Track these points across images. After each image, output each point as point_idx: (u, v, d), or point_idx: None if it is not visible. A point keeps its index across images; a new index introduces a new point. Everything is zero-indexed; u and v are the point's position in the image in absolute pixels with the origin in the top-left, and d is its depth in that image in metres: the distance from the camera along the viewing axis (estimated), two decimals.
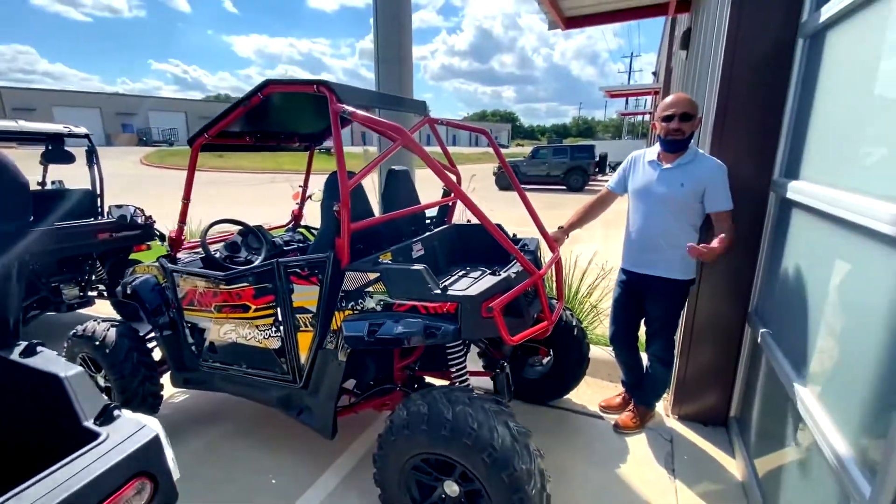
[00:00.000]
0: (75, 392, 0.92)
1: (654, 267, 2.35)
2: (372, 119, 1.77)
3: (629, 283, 2.51)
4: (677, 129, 2.16)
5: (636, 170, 2.42)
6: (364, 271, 1.85)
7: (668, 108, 2.19)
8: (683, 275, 2.32)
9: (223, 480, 2.31)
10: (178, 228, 2.49)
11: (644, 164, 2.38)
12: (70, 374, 0.95)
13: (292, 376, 2.15)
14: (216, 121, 2.17)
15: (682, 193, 2.20)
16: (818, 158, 1.83)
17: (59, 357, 1.04)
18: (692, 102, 2.19)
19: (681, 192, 2.20)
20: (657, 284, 2.35)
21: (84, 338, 2.52)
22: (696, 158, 2.21)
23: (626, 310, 2.59)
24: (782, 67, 2.13)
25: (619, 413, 2.76)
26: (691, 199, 2.20)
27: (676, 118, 2.16)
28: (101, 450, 0.81)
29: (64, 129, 4.44)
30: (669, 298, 2.36)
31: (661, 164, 2.28)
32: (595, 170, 16.82)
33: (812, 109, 1.91)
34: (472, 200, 1.89)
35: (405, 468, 1.75)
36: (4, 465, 0.89)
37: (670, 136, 2.19)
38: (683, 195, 2.20)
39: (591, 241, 8.26)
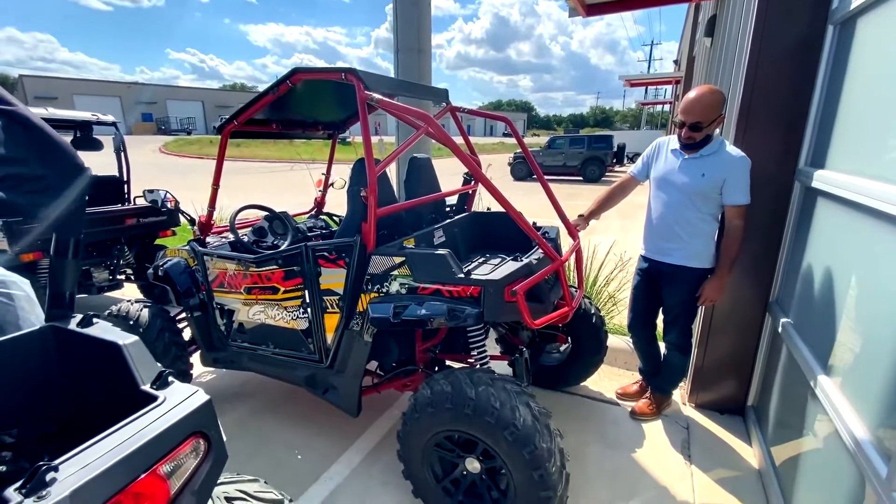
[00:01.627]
0: (133, 358, 0.99)
1: (673, 255, 2.35)
2: (399, 106, 1.81)
3: (648, 270, 2.51)
4: (688, 137, 2.16)
5: (659, 157, 2.39)
6: (389, 255, 1.91)
7: (682, 111, 2.16)
8: (701, 263, 2.31)
9: (252, 455, 2.41)
10: (208, 213, 2.58)
11: (667, 152, 2.35)
12: (128, 342, 1.02)
13: (319, 356, 2.23)
14: (245, 108, 2.24)
15: (703, 184, 2.18)
16: (846, 147, 1.82)
17: (115, 327, 1.11)
18: (709, 107, 2.10)
19: (701, 182, 2.18)
20: (675, 273, 2.35)
21: (119, 317, 2.63)
22: (721, 149, 2.17)
23: (645, 297, 2.59)
24: (811, 55, 2.11)
25: (636, 400, 2.79)
26: (711, 190, 2.18)
27: (686, 127, 2.14)
28: (160, 410, 0.88)
29: (92, 116, 4.58)
30: (687, 287, 2.35)
31: (683, 153, 2.26)
32: (612, 160, 16.59)
33: (841, 97, 1.89)
34: (495, 187, 1.93)
35: (428, 445, 1.82)
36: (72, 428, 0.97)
37: (683, 140, 2.20)
38: (703, 185, 2.18)
39: (608, 231, 8.23)
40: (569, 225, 2.43)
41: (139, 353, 1.02)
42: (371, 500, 2.10)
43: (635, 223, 9.30)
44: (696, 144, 2.19)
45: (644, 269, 2.54)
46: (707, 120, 2.11)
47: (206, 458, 0.91)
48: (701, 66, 6.93)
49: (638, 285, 2.61)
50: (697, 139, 2.16)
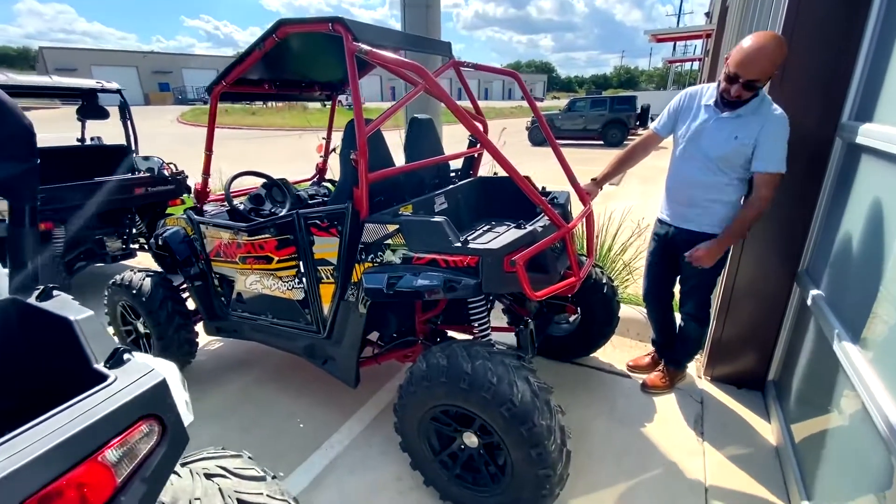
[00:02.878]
0: (86, 335, 0.92)
1: (693, 222, 2.15)
2: (389, 59, 1.64)
3: (665, 236, 2.31)
4: (738, 94, 1.85)
5: (690, 110, 2.11)
6: (383, 223, 1.80)
7: (737, 64, 1.78)
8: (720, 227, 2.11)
9: (255, 423, 2.42)
10: (202, 181, 2.49)
11: (700, 106, 2.06)
12: (81, 317, 0.95)
13: (316, 327, 2.17)
14: (232, 67, 2.10)
15: (734, 148, 1.93)
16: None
17: (73, 301, 1.04)
18: (771, 61, 1.76)
19: (732, 145, 1.93)
20: (695, 241, 2.15)
21: (122, 286, 2.63)
22: (760, 108, 1.88)
23: (661, 265, 2.41)
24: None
25: (648, 373, 2.68)
26: (740, 156, 1.94)
27: (740, 84, 1.79)
28: (108, 391, 0.81)
29: (96, 84, 4.50)
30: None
31: (718, 110, 1.97)
32: (636, 123, 15.82)
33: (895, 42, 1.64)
34: (498, 150, 1.78)
35: (424, 419, 1.76)
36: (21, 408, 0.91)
37: (729, 97, 1.88)
38: (734, 150, 1.93)
39: (627, 196, 7.92)
40: (579, 190, 2.27)
41: (93, 329, 0.94)
42: (370, 470, 2.08)
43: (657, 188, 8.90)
44: (734, 105, 1.91)
45: (661, 235, 2.34)
46: (766, 76, 1.80)
47: (161, 442, 0.85)
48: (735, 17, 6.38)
49: (654, 251, 2.42)
50: (748, 98, 1.87)
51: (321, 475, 2.06)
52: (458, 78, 2.56)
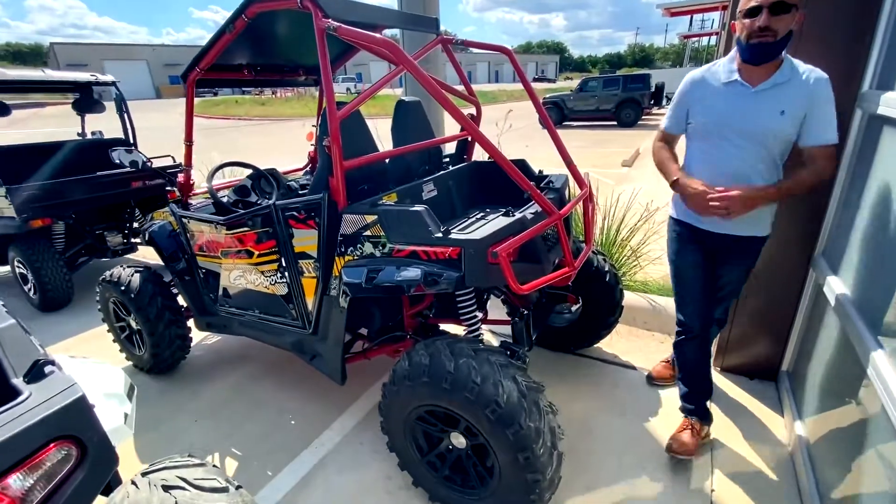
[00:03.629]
0: (4, 347, 0.85)
1: (738, 223, 1.74)
2: (358, 34, 1.51)
3: (702, 241, 1.90)
4: (765, 27, 1.48)
5: (704, 96, 1.75)
6: (361, 214, 1.69)
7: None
8: (766, 229, 1.82)
9: (246, 420, 2.38)
10: (185, 173, 2.42)
11: (719, 87, 1.70)
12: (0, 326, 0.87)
13: (301, 322, 2.09)
14: (204, 52, 1.99)
15: (783, 125, 1.59)
16: None
17: (0, 308, 0.97)
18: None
19: (780, 122, 1.58)
20: (738, 245, 1.82)
21: (111, 283, 2.58)
22: (795, 74, 1.59)
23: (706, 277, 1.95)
24: None
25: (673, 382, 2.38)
26: (792, 131, 1.60)
27: (765, 10, 1.47)
28: (17, 410, 0.73)
29: (91, 77, 4.45)
30: (751, 261, 1.90)
31: (747, 84, 1.63)
32: (650, 102, 15.28)
33: None
34: (483, 134, 1.65)
35: (409, 419, 1.68)
36: None
37: (755, 39, 1.51)
38: (784, 127, 1.59)
39: (640, 179, 7.65)
40: (575, 172, 2.12)
41: (14, 340, 0.86)
42: (360, 469, 2.01)
43: None
44: (767, 50, 1.52)
45: (697, 240, 1.91)
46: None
47: (80, 466, 0.77)
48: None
49: (695, 262, 1.94)
50: (782, 32, 1.48)
51: (309, 474, 2.00)
52: (448, 56, 2.42)
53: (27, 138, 4.94)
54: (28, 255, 3.62)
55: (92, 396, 0.83)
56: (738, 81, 1.66)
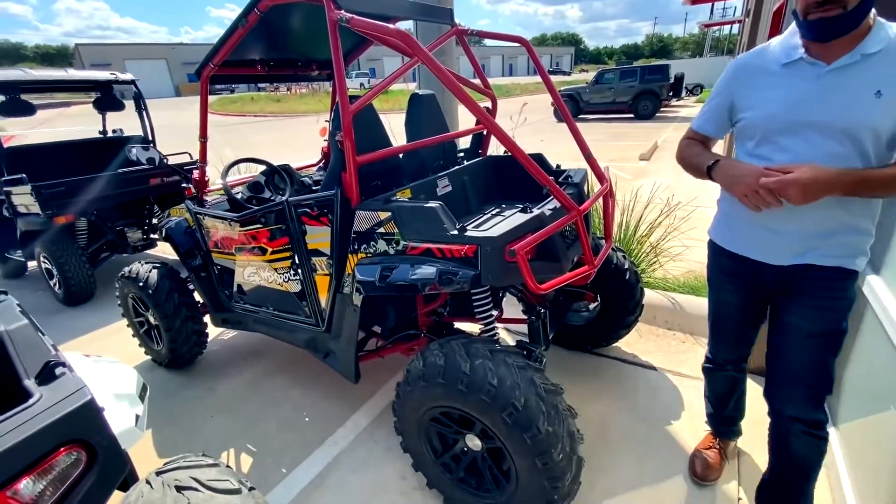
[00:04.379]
0: (17, 348, 0.84)
1: (818, 251, 1.30)
2: (371, 26, 1.47)
3: (748, 276, 1.48)
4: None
5: (757, 84, 1.33)
6: (375, 210, 1.66)
7: None
8: (861, 255, 1.31)
9: (261, 417, 2.38)
10: (200, 170, 2.42)
11: (776, 71, 1.28)
12: (12, 327, 0.87)
13: (314, 320, 2.08)
14: (217, 47, 1.98)
15: (879, 112, 1.15)
16: None
17: (14, 308, 0.96)
18: None
19: (876, 109, 1.15)
20: (814, 279, 1.33)
21: (130, 279, 2.61)
22: (892, 41, 1.15)
23: (745, 321, 1.60)
24: None
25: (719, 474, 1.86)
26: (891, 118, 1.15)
27: None
28: (27, 413, 0.72)
29: (111, 75, 4.51)
30: (837, 300, 1.33)
31: (819, 61, 1.20)
32: (669, 94, 14.90)
33: None
34: (500, 127, 1.60)
35: (423, 419, 1.65)
36: None
37: (815, 14, 1.13)
38: (881, 114, 1.15)
39: (658, 173, 7.48)
40: (595, 166, 2.05)
41: (26, 341, 0.85)
42: (374, 468, 2.00)
43: None
44: (836, 24, 1.13)
45: (745, 276, 1.49)
46: None
47: (90, 470, 0.75)
48: None
49: (739, 304, 1.57)
50: (851, 4, 1.10)
51: (323, 473, 1.99)
52: (463, 48, 2.36)
53: (52, 137, 5.05)
54: (53, 250, 3.70)
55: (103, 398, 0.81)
56: (804, 60, 1.22)
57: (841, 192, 1.16)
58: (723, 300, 1.62)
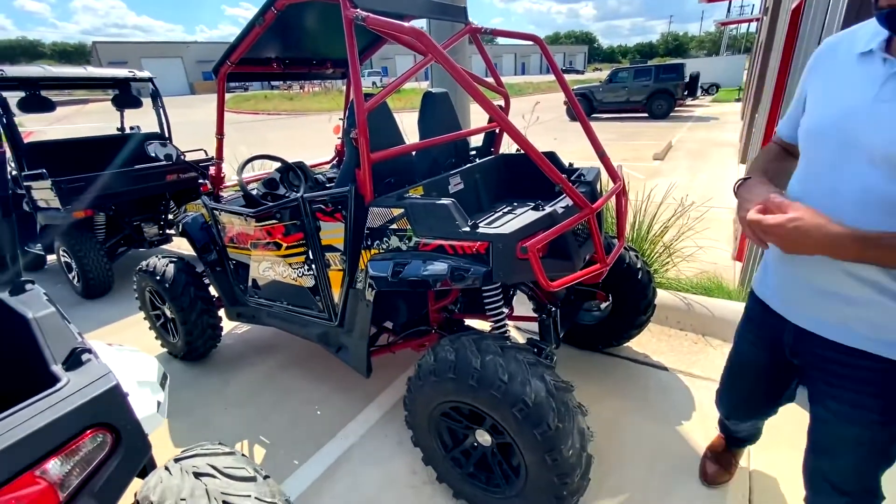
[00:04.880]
0: (45, 334, 0.87)
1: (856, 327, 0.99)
2: (387, 24, 1.49)
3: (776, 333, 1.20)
4: None
5: (829, 77, 1.02)
6: (388, 207, 1.68)
7: None
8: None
9: (274, 409, 2.42)
10: (216, 166, 2.46)
11: (850, 61, 0.98)
12: (40, 314, 0.90)
13: (327, 314, 2.11)
14: (234, 46, 2.01)
15: None
16: None
17: (42, 296, 1.00)
18: None
19: None
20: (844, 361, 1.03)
21: (147, 273, 2.67)
22: None
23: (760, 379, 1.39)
24: None
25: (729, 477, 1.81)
26: None
27: None
28: (56, 397, 0.75)
29: (129, 73, 4.60)
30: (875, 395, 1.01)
31: (891, 55, 0.91)
32: (683, 93, 14.72)
33: None
34: (513, 125, 1.60)
35: (434, 414, 1.66)
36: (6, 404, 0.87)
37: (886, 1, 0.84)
38: None
39: (672, 172, 7.41)
40: (609, 165, 2.04)
41: (53, 328, 0.89)
42: (385, 462, 2.02)
43: (707, 163, 8.30)
44: None
45: (769, 329, 1.23)
46: None
47: (114, 453, 0.78)
48: None
49: (756, 362, 1.35)
50: None
51: (334, 465, 2.02)
52: (477, 46, 2.37)
53: (70, 133, 5.17)
54: (72, 244, 3.79)
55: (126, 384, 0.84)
56: (877, 53, 0.92)
57: (851, 257, 0.88)
58: (740, 349, 1.40)
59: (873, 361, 0.96)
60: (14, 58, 70.69)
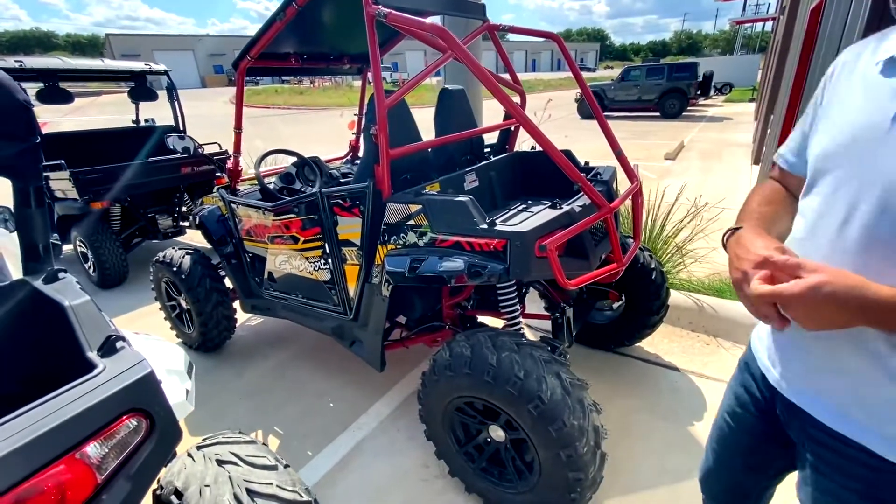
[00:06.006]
0: (80, 321, 0.89)
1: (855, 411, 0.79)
2: (409, 20, 1.50)
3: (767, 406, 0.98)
4: None
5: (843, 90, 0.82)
6: (406, 203, 1.69)
7: None
8: None
9: (287, 401, 2.45)
10: (234, 160, 2.49)
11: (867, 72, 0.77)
12: (76, 302, 0.92)
13: (343, 308, 2.13)
14: (255, 40, 2.03)
15: None
16: None
17: (75, 285, 1.02)
18: None
19: None
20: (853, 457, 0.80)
21: (164, 264, 2.71)
22: None
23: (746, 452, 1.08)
24: None
25: None
26: None
27: None
28: (93, 383, 0.77)
29: (145, 66, 4.65)
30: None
31: None
32: (696, 92, 14.55)
33: None
34: (533, 123, 1.60)
35: (448, 409, 1.68)
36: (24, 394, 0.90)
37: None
38: None
39: (684, 173, 7.35)
40: (626, 164, 2.04)
41: (88, 316, 0.91)
42: (396, 455, 2.04)
43: (720, 164, 8.21)
44: None
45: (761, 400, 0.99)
46: None
47: (148, 438, 0.80)
48: None
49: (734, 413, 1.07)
50: None
51: (346, 458, 2.05)
52: (494, 44, 2.37)
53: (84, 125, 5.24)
54: (88, 234, 3.85)
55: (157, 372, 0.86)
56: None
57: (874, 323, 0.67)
58: (728, 408, 1.10)
59: (867, 455, 0.78)
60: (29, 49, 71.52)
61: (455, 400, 1.63)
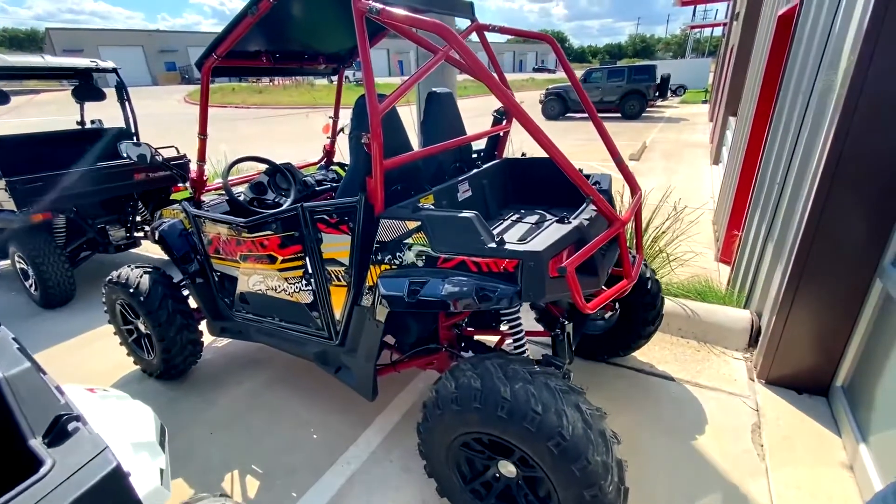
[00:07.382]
0: (19, 398, 0.69)
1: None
2: (406, 18, 1.34)
3: None
4: None
5: None
6: (402, 219, 1.53)
7: None
8: None
9: (265, 433, 2.23)
10: (198, 168, 2.24)
11: None
12: (12, 372, 0.71)
13: (327, 333, 1.94)
14: (223, 37, 1.81)
15: None
16: None
17: (10, 343, 0.81)
18: None
19: None
20: None
21: (119, 284, 2.42)
22: None
23: None
24: None
25: None
26: None
27: None
28: (40, 489, 0.57)
29: (91, 63, 4.23)
30: None
31: None
32: (655, 94, 15.09)
33: None
34: (537, 125, 1.48)
35: (453, 445, 1.53)
36: None
37: None
38: None
39: (650, 173, 7.49)
40: (628, 173, 1.95)
41: (30, 389, 0.70)
42: (392, 491, 1.88)
43: (682, 164, 8.44)
44: None
45: None
46: None
47: None
48: None
49: None
50: None
51: (336, 498, 1.86)
52: (482, 44, 2.24)
53: (25, 127, 4.73)
54: (29, 249, 3.45)
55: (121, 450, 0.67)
56: None
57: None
58: None
59: None
60: None
61: (462, 436, 1.49)
